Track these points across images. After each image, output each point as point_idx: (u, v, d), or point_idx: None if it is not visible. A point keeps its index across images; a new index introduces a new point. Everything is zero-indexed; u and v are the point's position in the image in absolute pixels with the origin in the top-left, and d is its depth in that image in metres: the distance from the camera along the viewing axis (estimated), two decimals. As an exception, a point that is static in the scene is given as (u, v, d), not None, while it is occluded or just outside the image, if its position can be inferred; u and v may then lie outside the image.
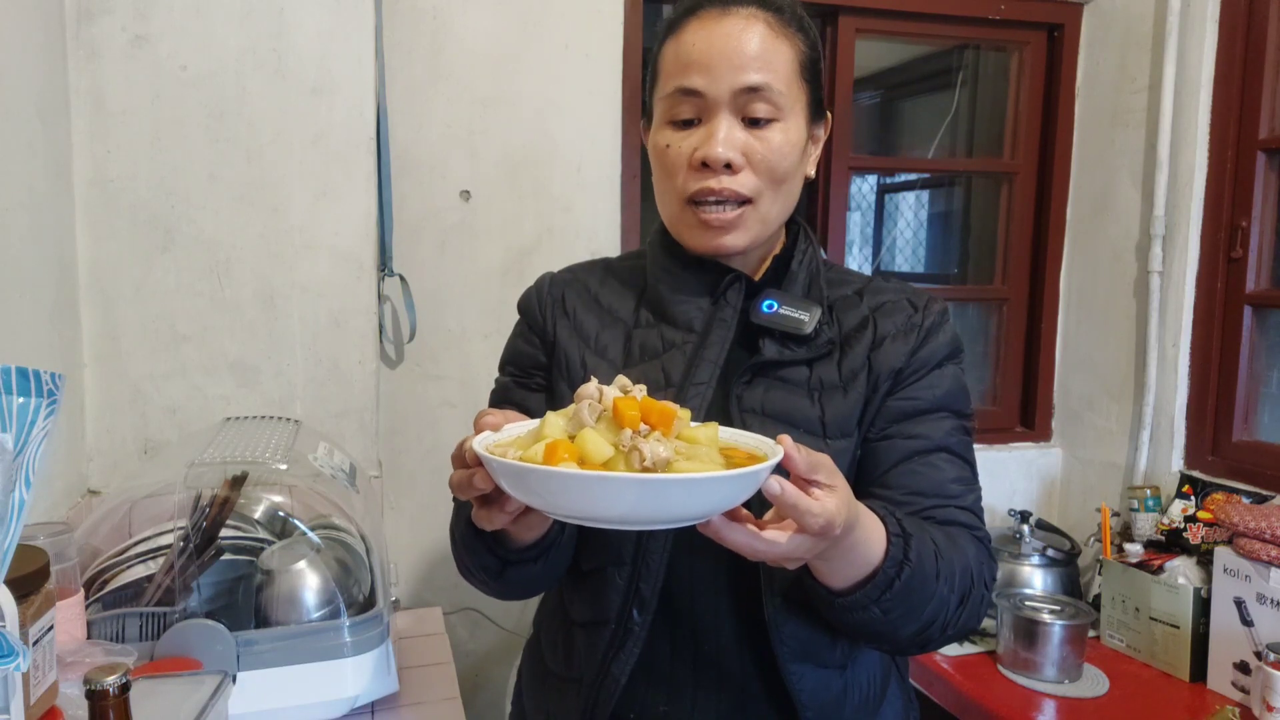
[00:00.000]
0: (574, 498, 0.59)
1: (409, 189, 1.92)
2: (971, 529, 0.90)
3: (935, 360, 0.93)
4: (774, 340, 0.92)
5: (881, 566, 0.76)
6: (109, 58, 1.55)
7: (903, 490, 0.89)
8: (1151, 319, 2.11)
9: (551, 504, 0.62)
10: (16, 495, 0.65)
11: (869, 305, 0.96)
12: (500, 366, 1.05)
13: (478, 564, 0.87)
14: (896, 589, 0.76)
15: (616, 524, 0.63)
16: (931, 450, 0.91)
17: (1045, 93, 2.41)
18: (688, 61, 0.88)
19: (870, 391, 0.91)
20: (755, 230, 0.90)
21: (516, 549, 0.83)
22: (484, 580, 0.90)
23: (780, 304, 0.92)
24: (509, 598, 0.96)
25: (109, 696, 0.70)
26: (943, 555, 0.81)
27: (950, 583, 0.81)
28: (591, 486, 0.58)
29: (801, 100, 0.91)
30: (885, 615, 0.77)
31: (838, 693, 0.91)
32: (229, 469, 1.30)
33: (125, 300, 1.60)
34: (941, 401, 0.92)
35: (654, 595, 0.89)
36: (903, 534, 0.78)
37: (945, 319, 0.96)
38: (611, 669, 0.90)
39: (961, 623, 0.85)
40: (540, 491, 0.61)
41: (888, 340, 0.92)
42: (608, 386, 0.69)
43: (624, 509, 0.59)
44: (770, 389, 0.90)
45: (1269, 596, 1.59)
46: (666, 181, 0.92)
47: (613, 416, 0.65)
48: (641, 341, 0.95)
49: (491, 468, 0.63)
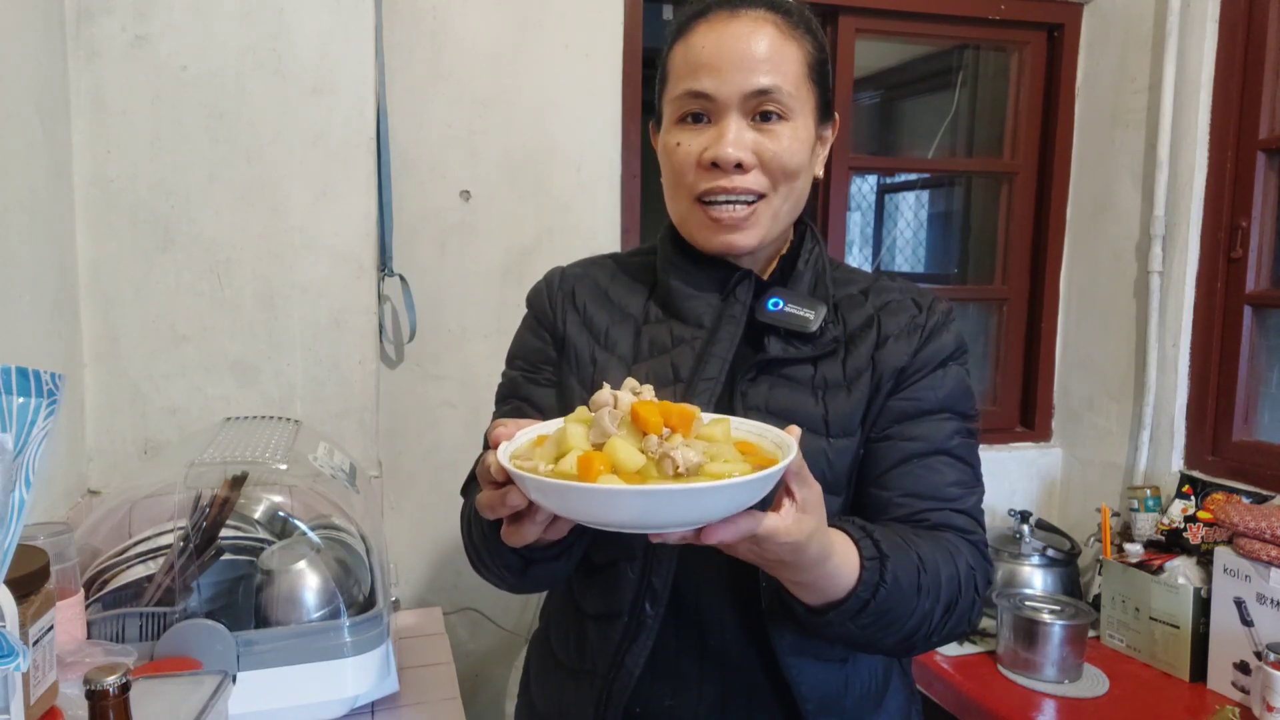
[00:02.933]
0: (622, 512, 0.61)
1: (409, 189, 1.92)
2: (967, 534, 0.89)
3: (938, 360, 0.93)
4: (779, 338, 0.92)
5: (854, 591, 0.76)
6: (109, 58, 1.56)
7: (899, 492, 0.89)
8: (1151, 319, 2.11)
9: (595, 518, 0.62)
10: (16, 495, 0.65)
11: (874, 304, 0.96)
12: (508, 360, 1.04)
13: (500, 563, 0.87)
14: (871, 609, 0.77)
15: (653, 530, 0.64)
16: (930, 453, 0.90)
17: (1045, 93, 2.41)
18: (697, 64, 0.88)
19: (873, 390, 0.92)
20: (765, 228, 0.91)
21: (541, 548, 0.82)
22: (503, 577, 0.90)
23: (786, 302, 0.92)
24: (524, 592, 0.96)
25: (109, 696, 0.70)
26: (926, 569, 0.81)
27: (934, 595, 0.81)
28: (642, 501, 0.60)
29: (810, 101, 0.91)
30: (862, 631, 0.79)
31: (839, 686, 0.92)
32: (229, 469, 1.30)
33: (125, 300, 1.60)
34: (944, 402, 0.92)
35: (666, 588, 0.89)
36: (878, 556, 0.78)
37: (950, 319, 0.96)
38: (625, 661, 0.91)
39: (948, 629, 0.85)
40: (585, 508, 0.62)
41: (892, 339, 0.93)
42: (620, 392, 0.69)
43: (668, 517, 0.62)
44: (775, 386, 0.91)
45: (1269, 596, 1.59)
46: (676, 180, 0.92)
47: (632, 422, 0.66)
48: (651, 337, 0.95)
49: (528, 486, 0.63)
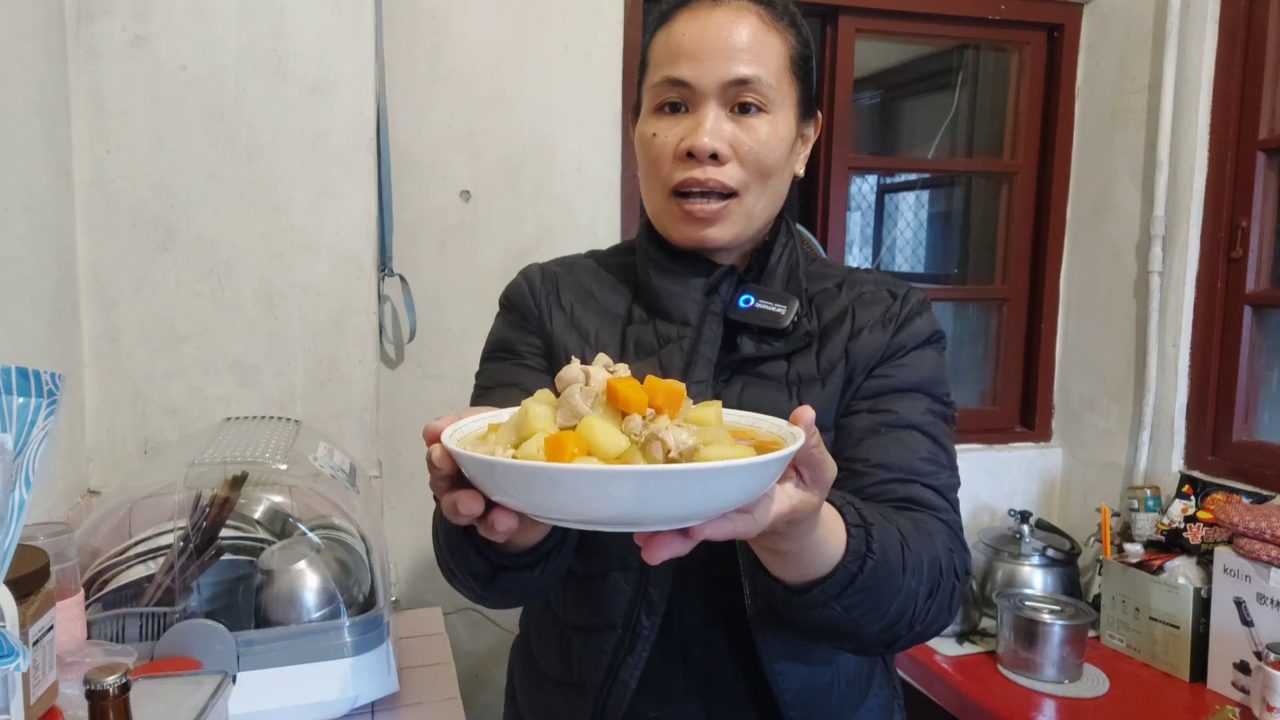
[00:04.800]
0: (612, 501, 0.47)
1: (409, 189, 1.92)
2: (937, 511, 0.84)
3: (913, 344, 0.92)
4: (751, 336, 0.91)
5: (842, 562, 0.70)
6: (109, 58, 1.55)
7: (866, 463, 0.85)
8: (1151, 319, 2.11)
9: (574, 510, 0.49)
10: (16, 495, 0.65)
11: (849, 296, 0.95)
12: (485, 355, 0.99)
13: (465, 568, 0.79)
14: (859, 584, 0.70)
15: (649, 526, 0.51)
16: (901, 426, 0.87)
17: (1045, 93, 2.41)
18: (677, 52, 0.87)
19: (847, 382, 0.90)
20: (739, 224, 0.89)
21: (511, 554, 0.76)
22: (470, 586, 0.82)
23: (757, 298, 0.90)
24: (497, 606, 0.90)
25: (109, 696, 0.70)
26: (909, 546, 0.75)
27: (918, 574, 0.76)
28: (639, 485, 0.47)
29: (791, 96, 0.90)
30: (848, 613, 0.72)
31: (824, 687, 0.90)
32: (229, 469, 1.30)
33: (125, 300, 1.60)
34: (917, 383, 0.90)
35: (663, 600, 0.88)
36: (863, 524, 0.71)
37: (925, 306, 0.95)
38: (620, 675, 0.89)
39: (931, 618, 0.79)
40: (560, 497, 0.48)
41: (866, 330, 0.91)
42: (592, 367, 0.59)
43: (671, 507, 0.49)
44: (747, 386, 0.89)
45: (1269, 596, 1.59)
46: (651, 172, 0.91)
47: (609, 401, 0.55)
48: (636, 338, 0.94)
49: (482, 472, 0.50)
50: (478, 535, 0.70)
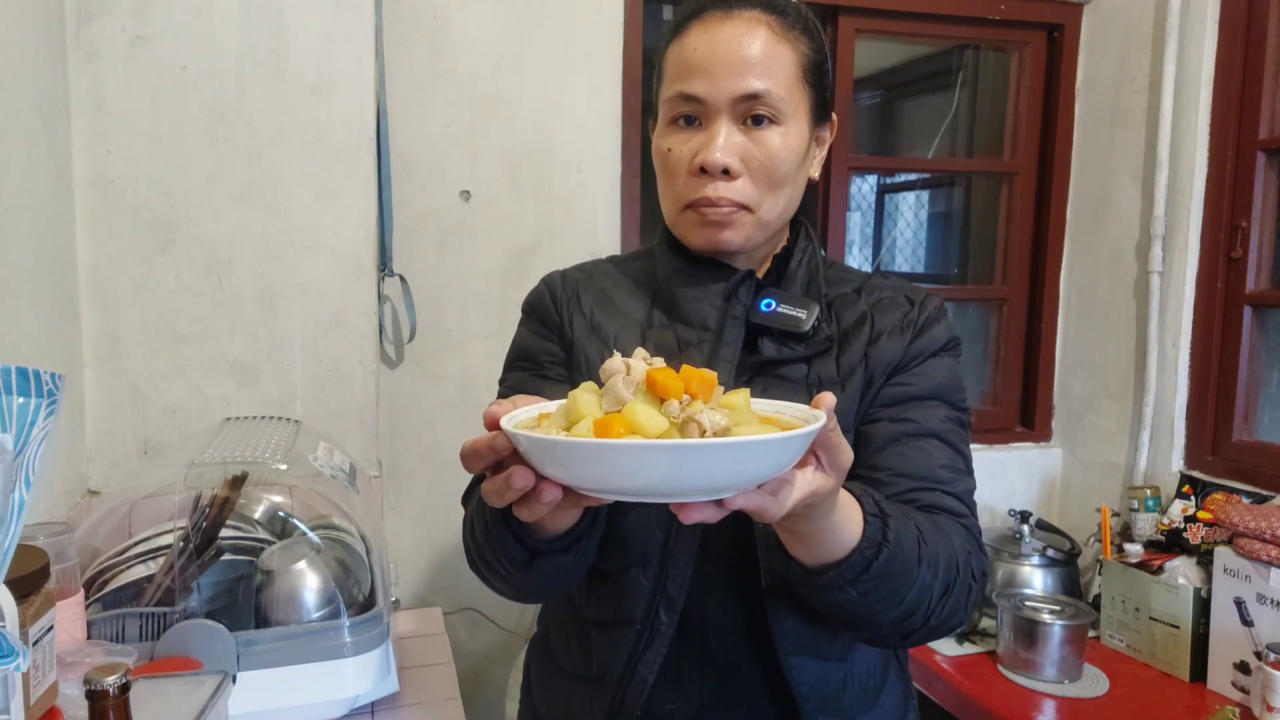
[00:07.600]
0: (653, 469, 0.54)
1: (409, 189, 1.92)
2: (959, 516, 0.87)
3: (930, 351, 0.94)
4: (772, 339, 0.92)
5: (858, 547, 0.73)
6: (109, 58, 1.56)
7: (888, 471, 0.88)
8: (1151, 319, 2.11)
9: (617, 481, 0.56)
10: (16, 495, 0.65)
11: (867, 302, 0.97)
12: (508, 365, 1.02)
13: (504, 556, 0.82)
14: (874, 570, 0.73)
15: (683, 496, 0.58)
16: (921, 435, 0.90)
17: (1045, 93, 2.41)
18: (689, 66, 0.88)
19: (866, 386, 0.92)
20: (750, 231, 0.91)
21: (547, 538, 0.79)
22: (508, 575, 0.84)
23: (779, 302, 0.92)
24: (528, 595, 0.93)
25: (109, 696, 0.70)
26: (926, 541, 0.78)
27: (934, 569, 0.79)
28: (676, 456, 0.53)
29: (804, 104, 0.91)
30: (862, 598, 0.75)
31: (838, 684, 0.92)
32: (229, 469, 1.30)
33: (125, 300, 1.60)
34: (935, 390, 0.92)
35: (681, 595, 0.89)
36: (880, 514, 0.75)
37: (942, 313, 0.97)
38: (638, 668, 0.91)
39: (945, 614, 0.82)
40: (607, 469, 0.55)
41: (884, 336, 0.93)
42: (632, 360, 0.65)
43: (705, 478, 0.56)
44: (768, 388, 0.91)
45: (1269, 596, 1.59)
46: (667, 185, 0.93)
47: (648, 389, 0.61)
48: (657, 342, 0.95)
49: (538, 449, 0.57)
50: (515, 523, 0.76)
